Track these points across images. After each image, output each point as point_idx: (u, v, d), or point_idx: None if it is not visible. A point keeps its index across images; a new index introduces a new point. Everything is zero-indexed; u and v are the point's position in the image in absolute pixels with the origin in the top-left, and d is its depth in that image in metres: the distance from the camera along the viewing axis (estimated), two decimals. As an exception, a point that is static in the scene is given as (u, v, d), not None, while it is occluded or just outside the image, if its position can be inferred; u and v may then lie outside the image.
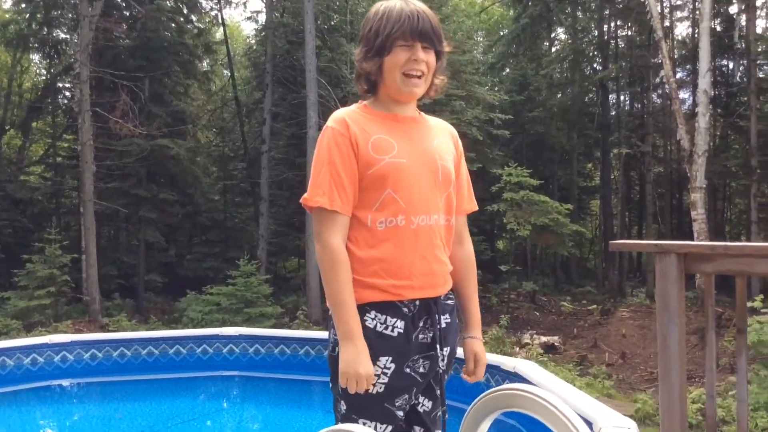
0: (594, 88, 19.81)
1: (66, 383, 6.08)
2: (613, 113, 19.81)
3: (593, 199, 24.54)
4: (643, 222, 20.26)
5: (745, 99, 15.13)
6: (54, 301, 12.27)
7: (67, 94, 18.48)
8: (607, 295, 16.63)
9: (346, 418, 1.85)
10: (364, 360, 1.76)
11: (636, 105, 21.07)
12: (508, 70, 21.10)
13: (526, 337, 10.68)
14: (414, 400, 1.92)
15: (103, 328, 11.62)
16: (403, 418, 1.90)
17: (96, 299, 12.68)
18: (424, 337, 1.87)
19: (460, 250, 2.05)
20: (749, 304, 5.63)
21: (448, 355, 1.95)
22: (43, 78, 20.37)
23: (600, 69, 19.27)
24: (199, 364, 6.35)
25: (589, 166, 24.03)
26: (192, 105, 18.79)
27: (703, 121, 11.36)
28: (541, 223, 12.67)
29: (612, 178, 21.08)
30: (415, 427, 1.96)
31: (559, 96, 20.24)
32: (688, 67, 18.72)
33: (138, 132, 13.90)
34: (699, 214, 11.32)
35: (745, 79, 16.09)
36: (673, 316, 2.06)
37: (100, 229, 14.46)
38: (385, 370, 1.82)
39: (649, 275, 15.81)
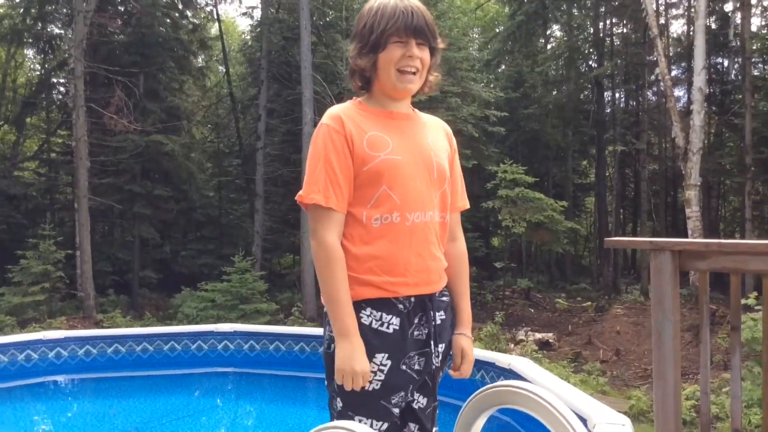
0: (589, 86, 19.80)
1: (60, 379, 6.07)
2: (608, 110, 19.81)
3: (588, 197, 24.59)
4: (638, 219, 20.30)
5: (740, 97, 15.16)
6: (48, 297, 12.23)
7: (62, 89, 18.45)
8: (601, 292, 16.67)
9: (342, 415, 1.85)
10: (360, 357, 1.76)
11: (631, 102, 21.11)
12: (503, 67, 21.11)
13: (521, 334, 10.69)
14: (410, 398, 1.92)
15: (97, 325, 11.59)
16: (398, 415, 1.90)
17: (90, 295, 12.66)
18: (419, 334, 1.87)
19: (452, 247, 2.05)
20: (743, 301, 5.65)
21: (442, 352, 1.95)
22: (38, 73, 20.30)
23: (595, 66, 19.26)
24: (193, 361, 6.36)
25: (584, 163, 24.08)
26: (187, 101, 18.73)
27: (697, 118, 11.37)
28: (536, 220, 12.68)
29: (607, 175, 21.11)
30: (410, 424, 1.97)
31: (554, 93, 20.23)
32: (683, 64, 18.75)
33: (132, 128, 13.86)
34: (693, 211, 11.35)
35: (739, 77, 16.13)
36: (667, 313, 2.06)
37: (94, 225, 14.38)
38: (381, 367, 1.82)
39: (643, 272, 15.85)
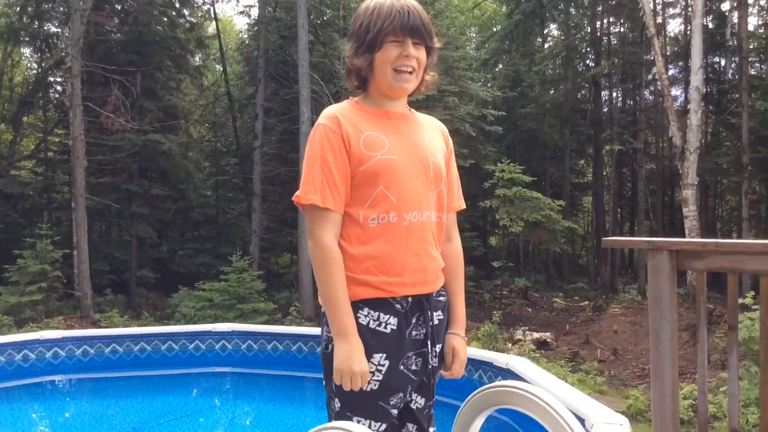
0: (586, 85, 19.83)
1: (58, 379, 6.06)
2: (605, 110, 19.85)
3: (585, 196, 24.64)
4: (635, 219, 20.34)
5: (737, 96, 15.18)
6: (45, 297, 12.20)
7: (59, 88, 18.41)
8: (599, 291, 16.69)
9: (340, 415, 1.85)
10: (358, 357, 1.76)
11: (628, 102, 21.12)
12: (500, 66, 21.11)
13: (519, 334, 10.69)
14: (408, 398, 1.92)
15: (94, 324, 11.57)
16: (396, 415, 1.90)
17: (88, 295, 12.63)
18: (417, 334, 1.87)
19: (448, 248, 2.05)
20: (740, 300, 5.65)
21: (440, 352, 1.95)
22: (34, 72, 20.25)
23: (592, 65, 19.29)
24: (191, 361, 6.35)
25: (582, 162, 24.10)
26: (184, 100, 18.71)
27: (695, 118, 11.39)
28: (534, 220, 12.68)
29: (604, 174, 21.16)
30: (408, 425, 1.96)
31: (551, 92, 20.26)
32: (681, 64, 18.79)
33: (130, 127, 13.83)
34: (690, 211, 11.37)
35: (736, 77, 16.15)
36: (665, 312, 2.07)
37: (91, 224, 14.38)
38: (379, 368, 1.81)
39: (640, 272, 15.87)
